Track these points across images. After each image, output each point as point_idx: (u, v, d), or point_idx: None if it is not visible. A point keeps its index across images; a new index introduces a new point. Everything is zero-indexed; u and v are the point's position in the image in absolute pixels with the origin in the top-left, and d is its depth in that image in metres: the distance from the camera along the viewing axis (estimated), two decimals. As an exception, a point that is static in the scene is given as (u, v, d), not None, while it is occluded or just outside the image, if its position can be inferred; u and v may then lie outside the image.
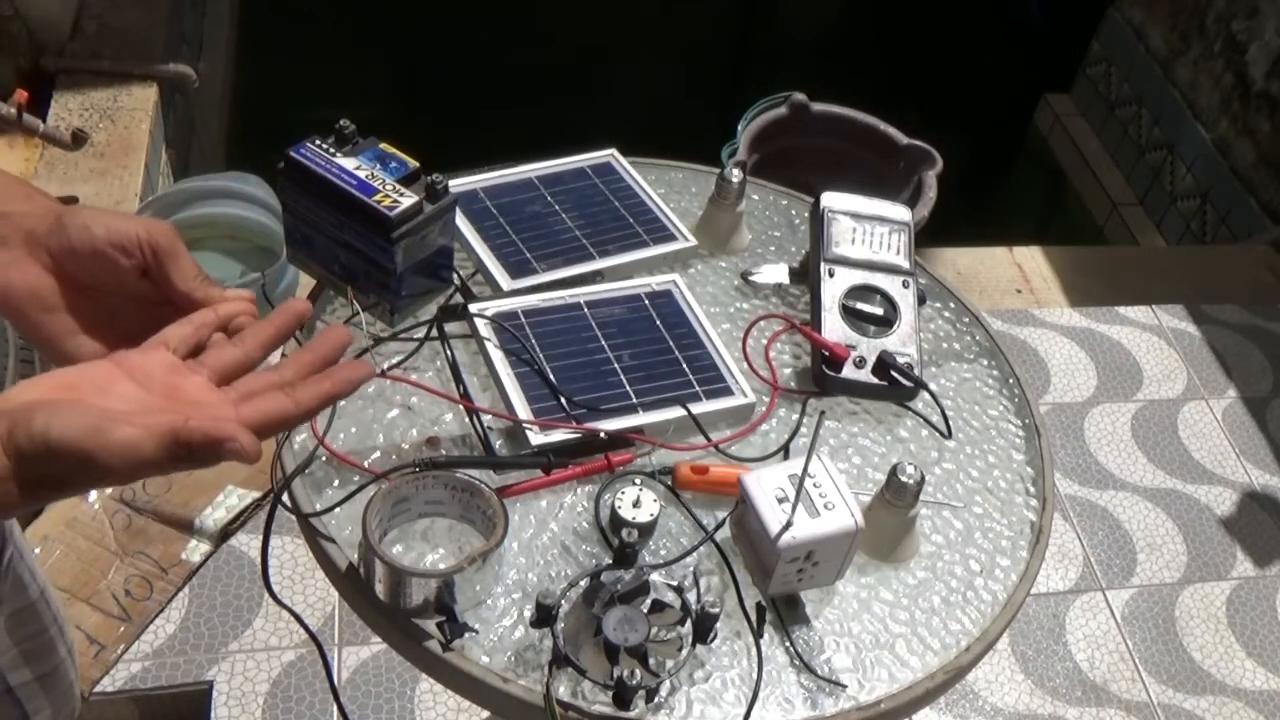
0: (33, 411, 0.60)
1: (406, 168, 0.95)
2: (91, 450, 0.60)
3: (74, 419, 0.60)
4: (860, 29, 4.07)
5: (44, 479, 0.61)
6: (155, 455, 0.61)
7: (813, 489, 0.92)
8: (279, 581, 1.84)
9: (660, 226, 1.23)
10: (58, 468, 0.60)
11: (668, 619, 0.87)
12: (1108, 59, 3.66)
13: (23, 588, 0.96)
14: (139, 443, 0.61)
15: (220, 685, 1.72)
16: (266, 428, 0.66)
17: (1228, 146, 3.20)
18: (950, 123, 2.95)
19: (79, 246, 0.71)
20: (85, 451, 0.60)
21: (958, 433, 1.11)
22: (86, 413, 0.61)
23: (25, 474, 0.60)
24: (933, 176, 2.59)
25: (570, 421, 1.02)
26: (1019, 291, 2.68)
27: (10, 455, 0.60)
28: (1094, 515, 2.21)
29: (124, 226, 0.71)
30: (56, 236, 0.71)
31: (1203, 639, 2.05)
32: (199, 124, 3.03)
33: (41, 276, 0.71)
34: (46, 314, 0.71)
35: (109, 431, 0.60)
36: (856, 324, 1.13)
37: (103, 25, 2.74)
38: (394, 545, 0.93)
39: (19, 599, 0.95)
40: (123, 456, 0.61)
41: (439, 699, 1.75)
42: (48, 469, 0.60)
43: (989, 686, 1.93)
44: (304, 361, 0.70)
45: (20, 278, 0.71)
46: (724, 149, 2.65)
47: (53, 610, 1.01)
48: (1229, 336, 2.62)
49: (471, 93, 3.60)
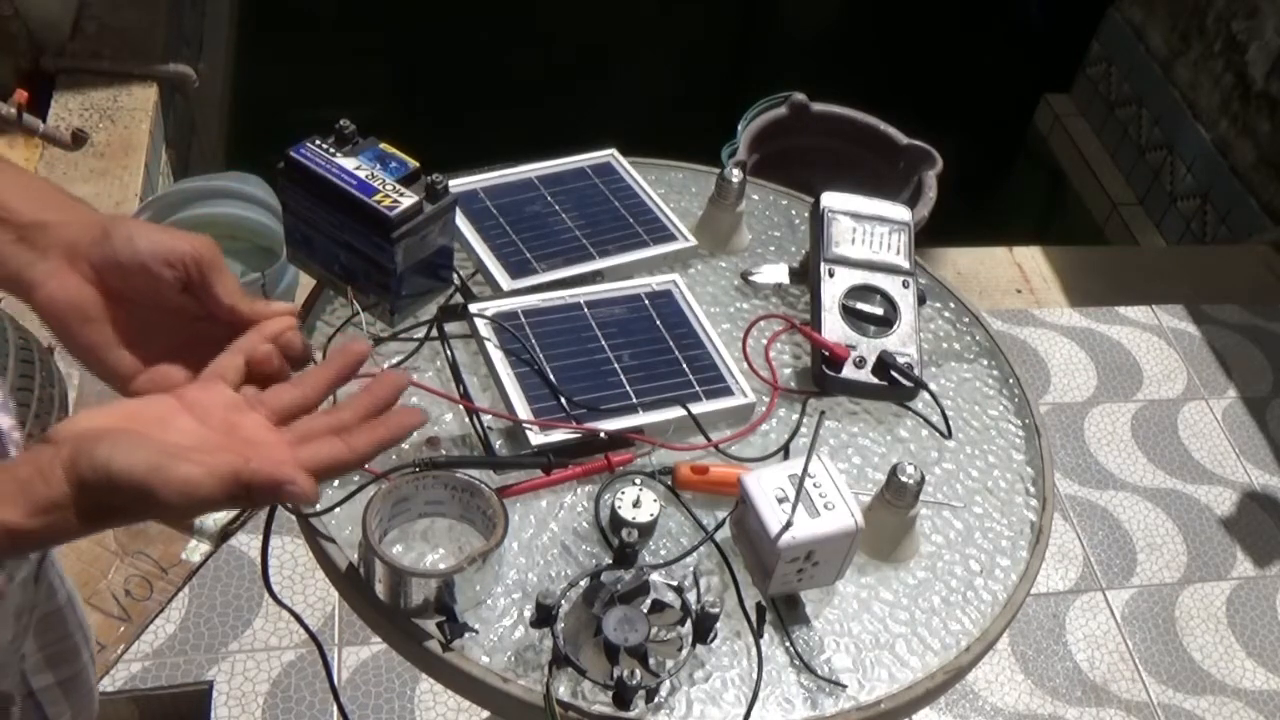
0: (96, 441, 0.61)
1: (406, 168, 0.95)
2: (153, 486, 0.60)
3: (137, 452, 0.61)
4: (860, 29, 4.07)
5: (103, 508, 0.61)
6: (214, 494, 0.62)
7: (813, 489, 0.92)
8: (279, 581, 1.84)
9: (660, 226, 1.23)
10: (117, 499, 0.61)
11: (668, 619, 0.87)
12: (1108, 59, 3.66)
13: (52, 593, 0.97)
14: (200, 481, 0.61)
15: (220, 685, 1.72)
16: (322, 472, 0.67)
17: (1228, 146, 3.20)
18: (950, 123, 2.94)
19: (124, 260, 0.71)
20: (146, 486, 0.60)
21: (958, 433, 1.11)
22: (149, 447, 0.62)
23: (85, 502, 0.61)
24: (933, 176, 2.59)
25: (570, 421, 1.02)
26: (1019, 291, 2.68)
27: (72, 483, 0.60)
28: (1094, 515, 2.21)
29: (168, 241, 0.72)
30: (100, 249, 0.71)
31: (1203, 639, 2.05)
32: (199, 124, 3.03)
33: (83, 288, 0.71)
34: (87, 325, 0.71)
35: (170, 469, 0.61)
36: (856, 324, 1.13)
37: (103, 25, 2.74)
38: (394, 545, 0.93)
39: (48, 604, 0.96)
40: (182, 494, 0.61)
41: (439, 699, 1.75)
42: (108, 499, 0.61)
43: (989, 686, 1.93)
44: (361, 406, 0.70)
45: (61, 289, 0.71)
46: (724, 149, 2.65)
47: (78, 616, 1.02)
48: (1229, 336, 2.62)
49: (472, 93, 3.60)
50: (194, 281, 0.72)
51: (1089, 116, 3.74)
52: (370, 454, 0.68)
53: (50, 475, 0.60)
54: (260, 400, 0.70)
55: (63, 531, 0.61)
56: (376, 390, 0.71)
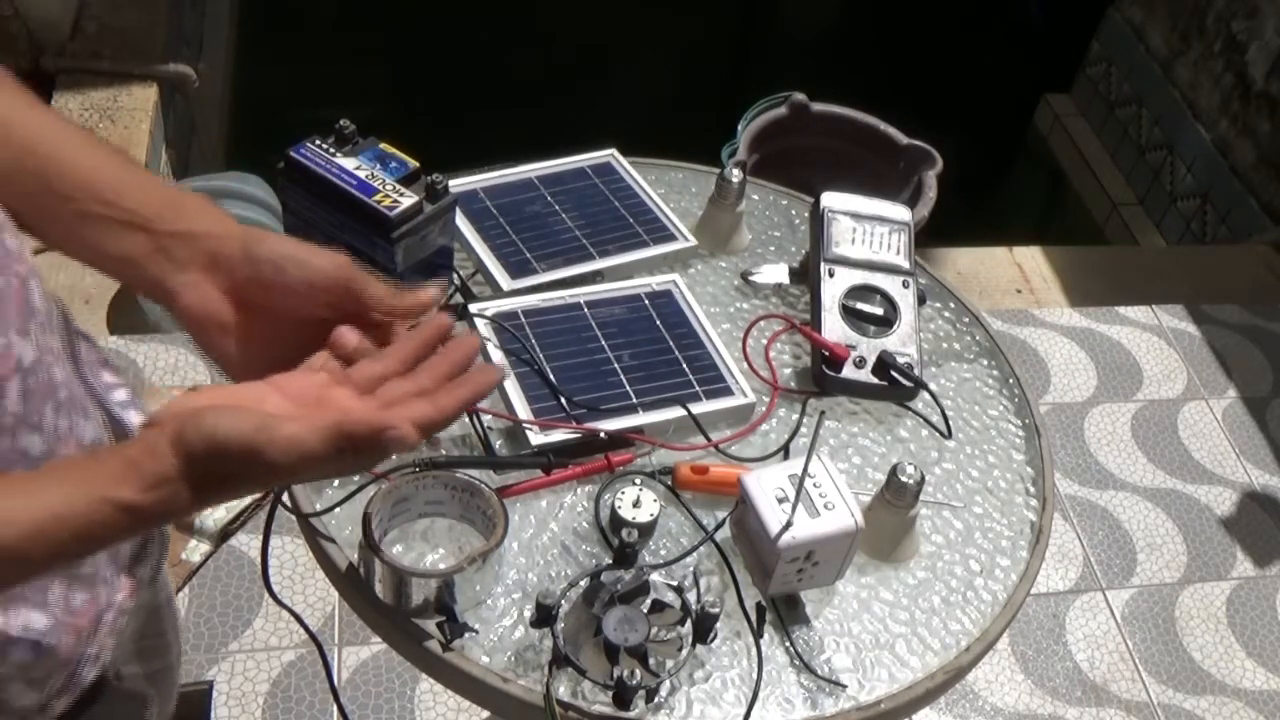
0: (200, 414, 0.63)
1: (406, 168, 0.95)
2: (259, 445, 0.63)
3: (241, 418, 0.63)
4: (860, 29, 4.07)
5: (212, 477, 0.64)
6: (320, 449, 0.64)
7: (813, 489, 0.92)
8: (279, 581, 1.84)
9: (660, 226, 1.23)
10: (226, 465, 0.63)
11: (668, 619, 0.87)
12: (1108, 59, 3.66)
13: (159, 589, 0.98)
14: (304, 437, 0.64)
15: (220, 685, 1.72)
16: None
17: (1228, 146, 3.20)
18: (950, 123, 2.94)
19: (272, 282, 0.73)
20: (253, 447, 0.63)
21: (958, 433, 1.11)
22: (252, 413, 0.64)
23: (195, 473, 0.63)
24: (933, 176, 2.59)
25: (570, 421, 1.02)
26: (1019, 291, 2.68)
27: (180, 456, 0.62)
28: (1094, 515, 2.21)
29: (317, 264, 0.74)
30: (246, 267, 0.73)
31: (1203, 639, 2.05)
32: (199, 124, 3.03)
33: (221, 301, 0.73)
34: (224, 335, 0.74)
35: (275, 428, 0.63)
36: (856, 324, 1.13)
37: (103, 25, 2.74)
38: (394, 545, 0.93)
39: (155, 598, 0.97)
40: (288, 451, 0.63)
41: (439, 699, 1.75)
42: (217, 467, 0.63)
43: (989, 686, 1.93)
44: (440, 371, 0.73)
45: (201, 300, 0.73)
46: (724, 149, 2.65)
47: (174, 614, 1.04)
48: (1229, 336, 2.62)
49: (472, 93, 3.60)
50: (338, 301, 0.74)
51: (1089, 116, 3.74)
52: (455, 413, 0.70)
53: (158, 451, 0.62)
54: (346, 376, 0.72)
55: (175, 505, 0.63)
56: (453, 355, 0.74)
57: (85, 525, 0.62)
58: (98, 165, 0.74)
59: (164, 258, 0.73)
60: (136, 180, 0.75)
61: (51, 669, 0.77)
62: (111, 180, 0.74)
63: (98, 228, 0.73)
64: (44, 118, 0.77)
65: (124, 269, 0.74)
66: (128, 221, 0.73)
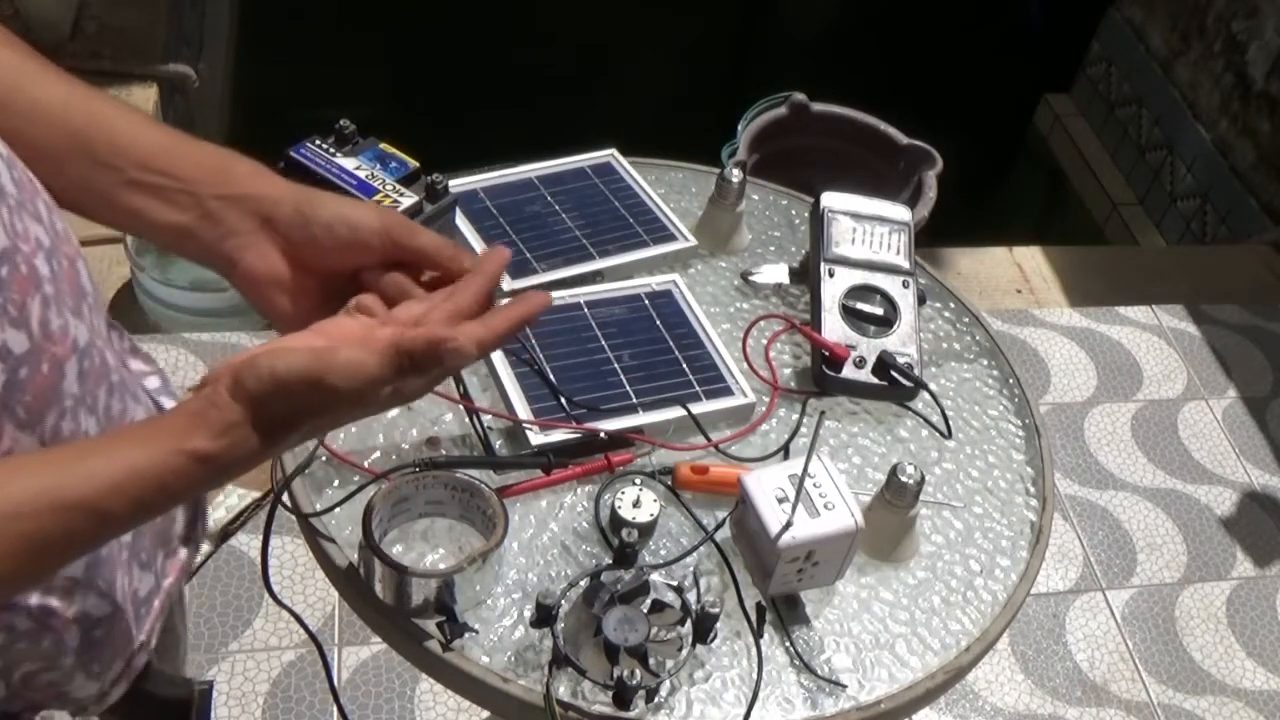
0: (254, 360, 0.64)
1: (406, 168, 0.95)
2: (319, 372, 0.64)
3: (296, 354, 0.64)
4: (860, 29, 4.07)
5: (278, 417, 0.64)
6: (381, 370, 0.65)
7: (813, 489, 0.92)
8: (279, 581, 1.84)
9: (660, 226, 1.23)
10: (291, 402, 0.64)
11: (668, 619, 0.87)
12: (1108, 59, 3.66)
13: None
14: (364, 360, 0.65)
15: (220, 685, 1.72)
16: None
17: (1228, 146, 3.20)
18: (950, 123, 2.94)
19: (324, 243, 0.74)
20: (314, 375, 0.63)
21: (958, 433, 1.11)
22: (306, 349, 0.65)
23: (260, 416, 0.63)
24: (933, 176, 2.58)
25: (570, 421, 1.02)
26: (1019, 291, 2.68)
27: (242, 401, 0.63)
28: (1094, 515, 2.21)
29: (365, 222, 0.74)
30: (300, 229, 0.73)
31: (1203, 639, 2.05)
32: (199, 124, 3.02)
33: (280, 260, 0.74)
34: (283, 293, 0.74)
35: (333, 354, 0.64)
36: (856, 324, 1.13)
37: (103, 25, 2.73)
38: (394, 545, 0.93)
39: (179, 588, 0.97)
40: (349, 375, 0.64)
41: (439, 699, 1.75)
42: (282, 405, 0.64)
43: (989, 686, 1.93)
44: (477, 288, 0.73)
45: (260, 260, 0.73)
46: (724, 149, 2.65)
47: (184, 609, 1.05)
48: (1229, 336, 2.62)
49: (472, 93, 3.60)
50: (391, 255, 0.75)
51: (1089, 116, 3.74)
52: (509, 333, 0.71)
53: (219, 401, 0.63)
54: (391, 317, 0.72)
55: (247, 450, 0.64)
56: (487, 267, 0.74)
57: (162, 477, 0.62)
58: (139, 133, 0.74)
59: (216, 223, 0.73)
60: (181, 145, 0.74)
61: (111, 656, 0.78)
62: (156, 147, 0.73)
63: (146, 197, 0.72)
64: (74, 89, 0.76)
65: (177, 238, 0.74)
66: (178, 189, 0.72)
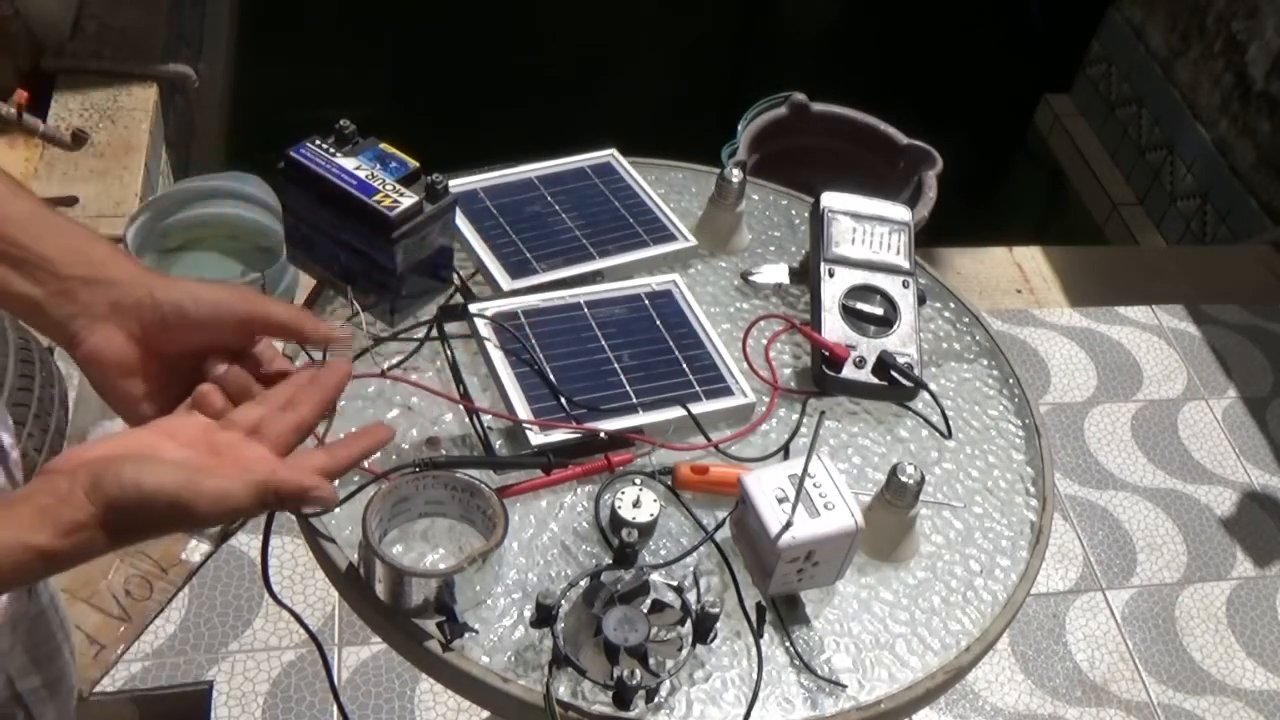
0: (117, 463, 0.65)
1: (406, 168, 0.95)
2: (187, 499, 0.65)
3: (164, 470, 0.66)
4: (860, 29, 4.07)
5: (133, 524, 0.66)
6: (246, 503, 0.67)
7: (813, 489, 0.92)
8: (279, 581, 1.84)
9: (660, 226, 1.23)
10: (150, 514, 0.65)
11: (668, 619, 0.87)
12: (1108, 59, 3.66)
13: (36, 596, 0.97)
14: (232, 491, 0.67)
15: (220, 685, 1.72)
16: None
17: (1228, 146, 3.20)
18: (950, 123, 2.94)
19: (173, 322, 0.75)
20: (180, 500, 0.65)
21: (958, 433, 1.11)
22: (172, 465, 0.67)
23: (115, 521, 0.65)
24: (933, 176, 2.59)
25: (570, 421, 1.02)
26: (1019, 291, 2.68)
27: (98, 504, 0.64)
28: (1094, 515, 2.21)
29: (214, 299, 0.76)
30: (150, 311, 0.75)
31: (1203, 639, 2.05)
32: (199, 124, 3.03)
33: (126, 345, 0.75)
34: (126, 379, 0.76)
35: (202, 482, 0.66)
36: (856, 324, 1.13)
37: (103, 25, 2.73)
38: (394, 545, 0.93)
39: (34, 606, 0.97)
40: (215, 503, 0.66)
41: (439, 699, 1.75)
42: (140, 515, 0.65)
43: (989, 686, 1.93)
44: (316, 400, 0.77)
45: (106, 344, 0.75)
46: (724, 149, 2.65)
47: (60, 615, 1.04)
48: (1229, 336, 2.62)
49: (471, 93, 3.60)
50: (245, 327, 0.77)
51: (1089, 116, 3.74)
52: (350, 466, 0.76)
53: (72, 499, 0.64)
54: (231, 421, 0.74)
55: (91, 549, 0.65)
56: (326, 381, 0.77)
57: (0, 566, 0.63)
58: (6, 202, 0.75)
59: (67, 300, 0.74)
60: (46, 220, 0.76)
61: None
62: (21, 218, 0.75)
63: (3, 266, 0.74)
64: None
65: (26, 310, 0.75)
66: (35, 263, 0.74)
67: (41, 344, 1.84)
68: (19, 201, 0.76)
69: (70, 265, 0.74)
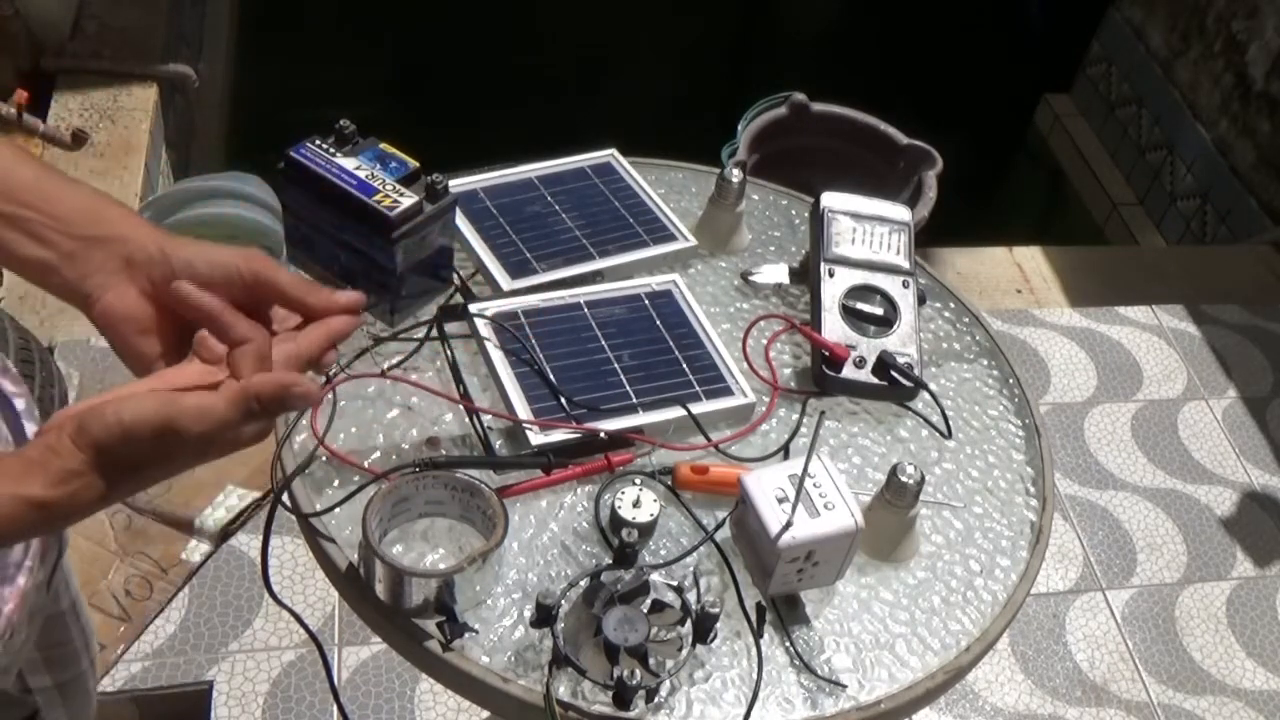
0: (99, 408, 0.65)
1: (406, 168, 0.95)
2: (168, 416, 0.65)
3: (143, 399, 0.66)
4: (861, 29, 4.07)
5: (125, 464, 0.65)
6: (229, 412, 0.67)
7: (813, 489, 0.92)
8: (279, 581, 1.84)
9: (660, 226, 1.23)
10: (139, 449, 0.65)
11: (668, 619, 0.87)
12: (1108, 59, 3.66)
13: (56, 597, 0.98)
14: (213, 403, 0.66)
15: (220, 685, 1.72)
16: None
17: (1228, 146, 3.20)
18: (950, 123, 2.94)
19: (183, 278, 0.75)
20: (162, 420, 0.65)
21: (958, 433, 1.11)
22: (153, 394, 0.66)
23: (105, 462, 0.65)
24: (933, 176, 2.59)
25: (570, 421, 1.02)
26: (1019, 291, 2.68)
27: (85, 448, 0.64)
28: (1094, 515, 2.21)
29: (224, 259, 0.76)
30: (160, 268, 0.75)
31: (1203, 639, 2.05)
32: (199, 124, 3.02)
33: (140, 302, 0.75)
34: (141, 336, 0.76)
35: (180, 400, 0.66)
36: (856, 324, 1.13)
37: (103, 25, 2.73)
38: (394, 545, 0.93)
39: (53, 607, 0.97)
40: (198, 418, 0.66)
41: (439, 699, 1.75)
42: (129, 453, 0.65)
43: (989, 686, 1.93)
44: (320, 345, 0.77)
45: (120, 301, 0.75)
46: (724, 149, 2.65)
47: (81, 622, 1.04)
48: (1229, 336, 2.62)
49: (471, 93, 3.60)
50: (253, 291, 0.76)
51: (1089, 116, 3.74)
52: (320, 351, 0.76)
53: (60, 448, 0.64)
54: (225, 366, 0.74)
55: (88, 497, 0.65)
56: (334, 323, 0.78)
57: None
58: (12, 168, 0.75)
59: (80, 261, 0.74)
60: (54, 183, 0.76)
61: None
62: (28, 183, 0.75)
63: (13, 231, 0.74)
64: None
65: (40, 273, 0.75)
66: (46, 226, 0.74)
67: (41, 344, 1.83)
68: (25, 167, 0.76)
69: (82, 225, 0.75)
